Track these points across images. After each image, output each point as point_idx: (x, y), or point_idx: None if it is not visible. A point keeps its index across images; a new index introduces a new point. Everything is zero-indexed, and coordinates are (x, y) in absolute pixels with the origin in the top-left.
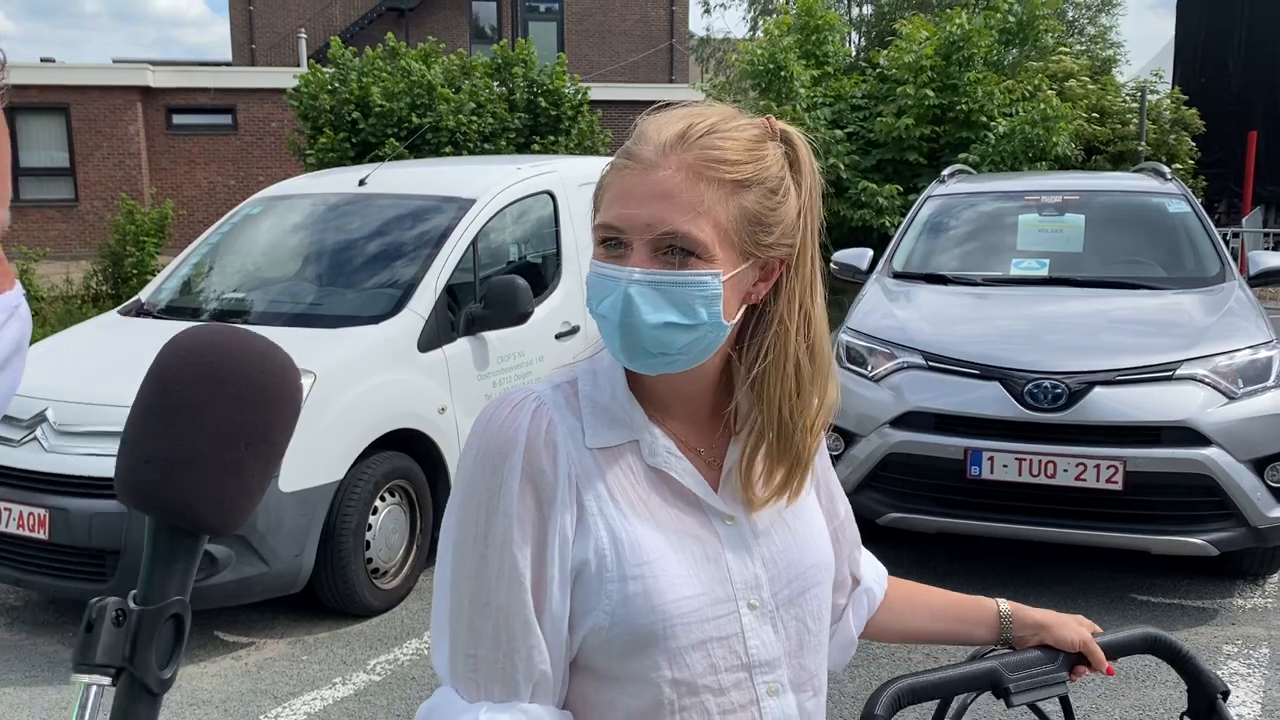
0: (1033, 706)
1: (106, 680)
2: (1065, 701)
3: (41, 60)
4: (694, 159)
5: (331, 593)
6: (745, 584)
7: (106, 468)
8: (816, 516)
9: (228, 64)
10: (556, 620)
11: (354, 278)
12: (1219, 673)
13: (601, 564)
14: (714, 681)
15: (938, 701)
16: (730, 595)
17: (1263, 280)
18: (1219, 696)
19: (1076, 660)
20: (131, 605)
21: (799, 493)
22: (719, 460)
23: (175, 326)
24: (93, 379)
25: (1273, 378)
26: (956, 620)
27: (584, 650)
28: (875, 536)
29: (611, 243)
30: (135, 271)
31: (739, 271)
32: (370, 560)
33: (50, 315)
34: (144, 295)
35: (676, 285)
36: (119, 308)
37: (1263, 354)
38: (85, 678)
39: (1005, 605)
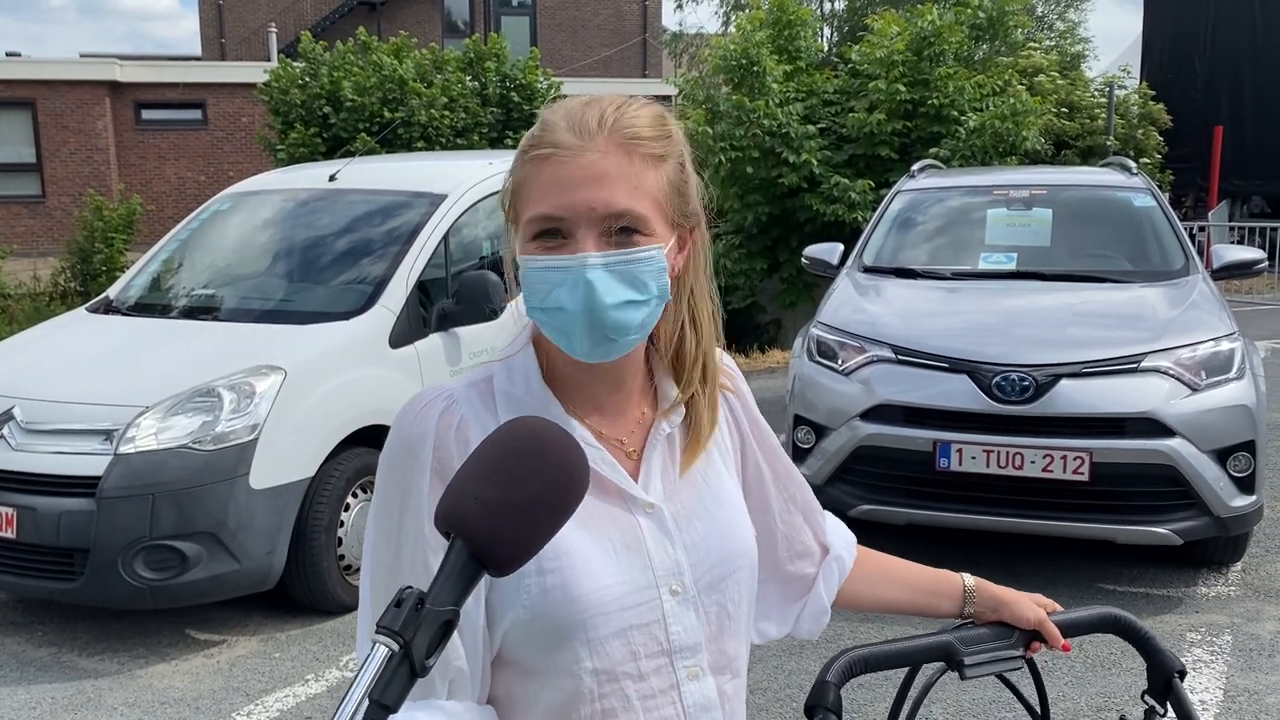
0: (1005, 681)
1: (396, 646)
2: (1040, 687)
3: (7, 54)
4: (620, 138)
5: (303, 590)
6: (667, 571)
7: (75, 466)
8: (738, 503)
9: (197, 59)
10: (471, 616)
11: (325, 273)
12: (1183, 659)
13: None
14: (634, 668)
15: (901, 679)
16: (652, 582)
17: (1226, 274)
18: (1175, 675)
19: (1033, 637)
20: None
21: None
22: (638, 451)
23: (144, 323)
24: (60, 376)
25: (1234, 369)
26: (924, 592)
27: (506, 644)
28: None
29: (549, 234)
30: (104, 268)
31: (672, 242)
32: (342, 557)
33: (18, 312)
34: (112, 292)
35: (630, 264)
36: (87, 304)
37: (1225, 346)
38: (383, 639)
39: (970, 580)
